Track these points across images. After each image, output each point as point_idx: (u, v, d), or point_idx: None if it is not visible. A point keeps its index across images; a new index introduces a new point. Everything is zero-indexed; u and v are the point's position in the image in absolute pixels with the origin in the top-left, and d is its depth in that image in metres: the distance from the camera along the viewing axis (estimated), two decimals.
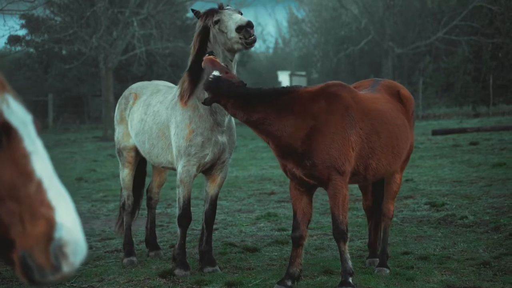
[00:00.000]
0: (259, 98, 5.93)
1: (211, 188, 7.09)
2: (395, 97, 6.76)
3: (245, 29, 6.36)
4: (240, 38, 6.42)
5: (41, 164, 2.11)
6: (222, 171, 7.04)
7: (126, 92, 7.92)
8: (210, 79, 5.98)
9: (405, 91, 6.97)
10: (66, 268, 2.04)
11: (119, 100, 7.95)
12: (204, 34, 6.72)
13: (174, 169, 7.13)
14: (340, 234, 6.05)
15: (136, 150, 7.68)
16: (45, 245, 2.04)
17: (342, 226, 6.04)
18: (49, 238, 2.04)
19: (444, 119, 30.72)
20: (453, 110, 34.76)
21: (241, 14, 6.69)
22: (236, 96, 5.90)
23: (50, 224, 2.04)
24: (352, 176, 6.17)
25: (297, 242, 6.23)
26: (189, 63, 6.89)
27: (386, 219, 6.93)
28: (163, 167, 7.44)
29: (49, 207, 2.05)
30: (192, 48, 6.83)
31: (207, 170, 7.03)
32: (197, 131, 6.72)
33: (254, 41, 6.46)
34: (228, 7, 6.71)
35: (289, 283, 6.20)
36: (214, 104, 6.43)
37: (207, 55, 6.39)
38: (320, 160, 5.93)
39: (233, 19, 6.48)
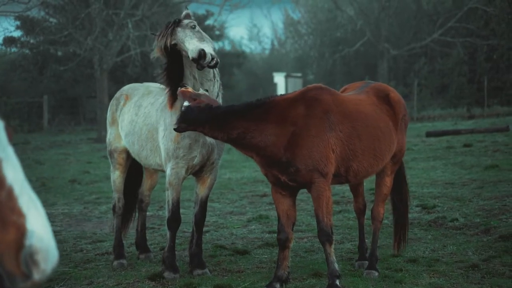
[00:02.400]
0: (234, 115, 5.97)
1: (201, 190, 7.09)
2: (383, 100, 6.73)
3: (198, 61, 6.29)
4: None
5: (12, 171, 2.10)
6: (211, 173, 7.05)
7: (117, 94, 7.95)
8: (182, 110, 6.08)
9: (395, 94, 6.92)
10: (37, 276, 2.04)
11: (111, 101, 7.97)
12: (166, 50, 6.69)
13: (164, 171, 7.13)
14: (325, 236, 6.07)
15: (127, 152, 7.68)
16: (16, 253, 2.04)
17: (326, 228, 6.06)
18: (20, 245, 2.04)
19: (438, 121, 30.75)
20: (447, 111, 34.79)
21: (194, 27, 6.57)
22: (209, 120, 5.95)
23: (21, 232, 2.04)
24: (333, 178, 6.20)
25: (283, 244, 6.25)
26: (164, 75, 6.86)
27: (376, 222, 6.97)
28: (153, 169, 7.44)
29: (20, 214, 2.05)
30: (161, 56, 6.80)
31: (197, 172, 7.04)
32: (184, 134, 6.71)
33: (213, 66, 6.39)
34: (182, 21, 6.60)
35: (278, 286, 6.22)
36: None
37: (179, 88, 6.43)
38: (303, 165, 5.97)
39: (186, 46, 6.37)
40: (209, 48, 6.41)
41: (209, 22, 40.53)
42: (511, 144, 17.74)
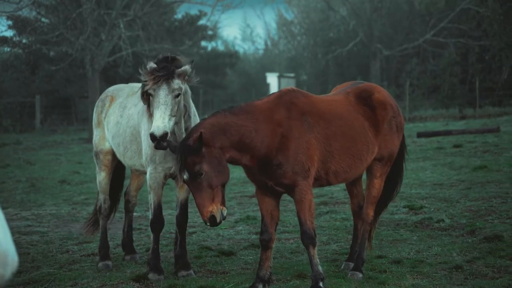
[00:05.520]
0: (228, 116, 5.95)
1: (180, 193, 7.12)
2: (363, 101, 6.67)
3: (152, 139, 6.17)
4: None
5: None
6: None
7: (102, 95, 7.94)
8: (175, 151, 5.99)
9: (380, 95, 6.78)
10: None
11: (96, 103, 7.97)
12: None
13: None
14: (308, 239, 6.09)
15: (112, 154, 7.69)
16: None
17: (309, 231, 6.08)
18: None
19: (430, 121, 30.80)
20: (439, 112, 34.83)
21: (178, 95, 6.36)
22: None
23: None
24: (315, 181, 6.21)
25: (266, 245, 6.27)
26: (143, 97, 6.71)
27: (365, 224, 6.95)
28: (136, 170, 7.44)
29: None
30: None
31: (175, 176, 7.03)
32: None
33: (158, 148, 6.26)
34: (174, 79, 6.37)
35: (260, 286, 6.24)
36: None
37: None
38: (290, 166, 5.98)
39: (153, 117, 6.25)
40: (169, 128, 6.21)
41: (202, 22, 40.55)
42: (500, 145, 17.78)
